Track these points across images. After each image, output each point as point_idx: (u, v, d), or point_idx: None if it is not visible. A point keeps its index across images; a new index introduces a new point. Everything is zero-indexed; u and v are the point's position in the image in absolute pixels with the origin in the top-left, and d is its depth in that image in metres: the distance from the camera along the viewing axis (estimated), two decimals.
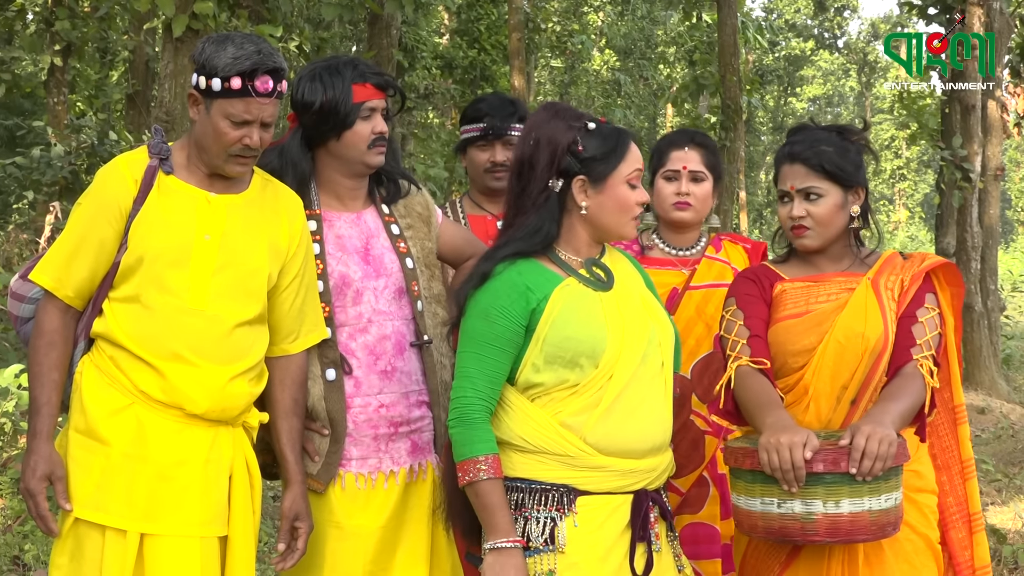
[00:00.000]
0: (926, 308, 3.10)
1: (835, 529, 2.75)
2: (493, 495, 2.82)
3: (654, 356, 2.96)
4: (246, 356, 3.06)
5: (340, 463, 3.31)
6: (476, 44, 22.54)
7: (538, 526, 2.86)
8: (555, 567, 2.83)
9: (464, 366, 2.91)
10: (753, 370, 3.05)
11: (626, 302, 2.98)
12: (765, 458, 2.77)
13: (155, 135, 3.13)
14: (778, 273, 3.23)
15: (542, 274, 2.93)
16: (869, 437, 2.73)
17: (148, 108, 16.54)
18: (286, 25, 12.78)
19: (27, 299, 3.18)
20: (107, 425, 2.98)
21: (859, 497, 2.75)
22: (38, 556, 5.71)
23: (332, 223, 3.40)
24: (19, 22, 14.91)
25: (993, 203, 15.26)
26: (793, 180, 3.12)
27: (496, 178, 4.14)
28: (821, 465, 2.74)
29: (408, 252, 3.47)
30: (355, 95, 3.34)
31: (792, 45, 45.75)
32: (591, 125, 2.95)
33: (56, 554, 3.03)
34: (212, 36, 3.07)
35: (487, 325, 2.89)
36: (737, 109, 17.10)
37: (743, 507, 2.90)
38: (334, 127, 3.34)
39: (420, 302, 3.44)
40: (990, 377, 14.03)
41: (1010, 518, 7.23)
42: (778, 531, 2.82)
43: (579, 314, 2.88)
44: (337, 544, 3.27)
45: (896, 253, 3.22)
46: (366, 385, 3.36)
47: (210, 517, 3.02)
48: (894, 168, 48.72)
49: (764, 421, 2.88)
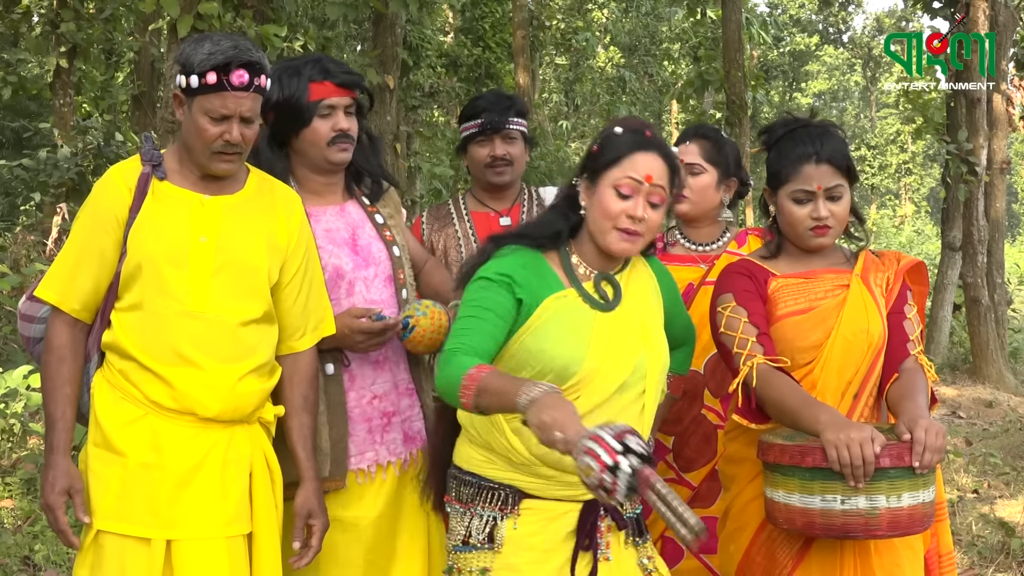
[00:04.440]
0: (910, 305, 3.15)
1: (896, 523, 2.75)
2: (496, 378, 2.53)
3: (635, 385, 2.88)
4: (253, 354, 3.07)
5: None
6: (480, 42, 22.55)
7: (480, 522, 2.88)
8: (491, 565, 2.84)
9: (455, 328, 2.78)
10: (774, 368, 3.02)
11: (621, 327, 2.90)
12: (835, 454, 2.73)
13: (146, 142, 3.13)
14: (768, 269, 3.22)
15: (544, 276, 2.88)
16: (927, 430, 2.74)
17: (154, 109, 16.55)
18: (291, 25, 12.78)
19: (37, 319, 3.19)
20: (122, 436, 2.99)
21: (916, 490, 2.75)
22: (48, 556, 5.72)
23: (318, 217, 3.43)
24: (24, 24, 14.95)
25: (999, 197, 15.26)
26: (821, 180, 3.09)
27: (497, 173, 4.15)
28: (887, 460, 2.72)
29: (394, 240, 3.52)
30: (311, 93, 3.38)
31: (797, 40, 45.74)
32: (619, 129, 2.89)
33: (78, 566, 3.04)
34: (194, 36, 3.09)
35: (484, 289, 2.81)
36: (742, 105, 17.07)
37: (797, 505, 2.84)
38: (292, 125, 3.40)
39: (405, 290, 3.50)
40: (997, 370, 14.04)
41: (1019, 511, 7.21)
42: (839, 528, 2.79)
43: (563, 330, 2.81)
44: (334, 536, 3.28)
45: (869, 251, 3.25)
46: (360, 377, 3.41)
47: (232, 516, 3.03)
48: (900, 163, 48.63)
49: (817, 418, 2.82)
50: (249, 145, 3.09)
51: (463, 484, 2.92)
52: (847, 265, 3.20)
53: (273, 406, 3.19)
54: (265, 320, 3.12)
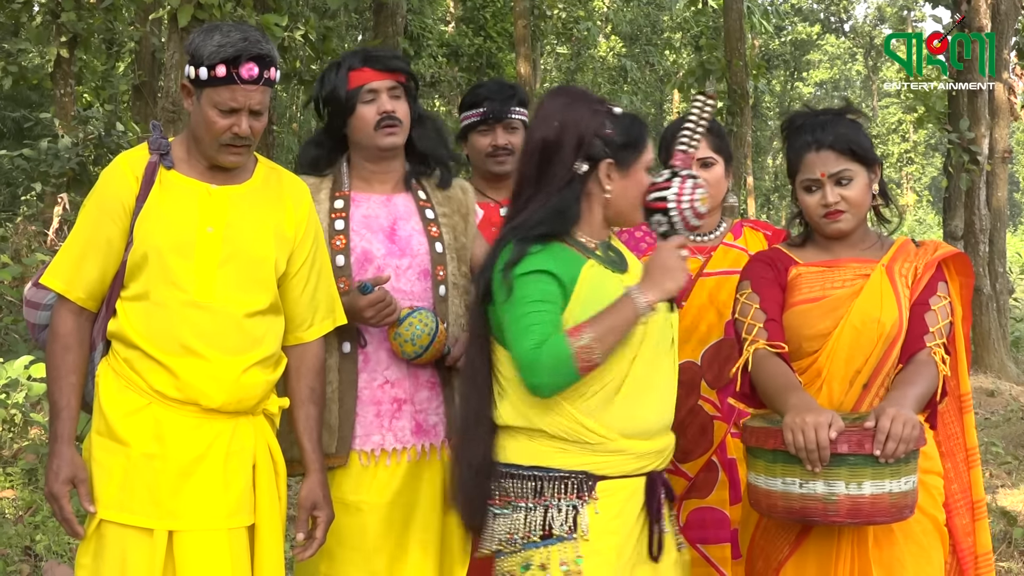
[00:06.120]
0: (938, 296, 3.11)
1: (856, 511, 2.75)
2: (605, 316, 2.81)
3: (668, 335, 3.01)
4: (259, 346, 3.05)
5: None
6: (482, 32, 22.54)
7: (560, 514, 2.87)
8: (581, 554, 2.84)
9: (518, 328, 2.82)
10: (771, 353, 3.05)
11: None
12: (790, 437, 2.76)
13: (154, 131, 3.13)
14: (792, 257, 3.23)
15: (569, 256, 2.93)
16: (894, 419, 2.73)
17: (155, 99, 16.55)
18: (291, 14, 12.77)
19: (42, 306, 3.18)
20: (125, 426, 2.98)
21: (881, 479, 2.75)
22: (49, 547, 5.73)
23: (360, 203, 3.47)
24: (25, 14, 14.93)
25: (1001, 186, 15.25)
26: (823, 167, 3.10)
27: (498, 162, 4.13)
28: (846, 446, 2.74)
29: (439, 237, 3.50)
30: (351, 81, 3.45)
31: (798, 29, 45.68)
32: (616, 110, 3.00)
33: (81, 554, 3.04)
34: (204, 26, 3.09)
35: (531, 285, 2.85)
36: (744, 94, 17.08)
37: (762, 487, 2.90)
38: (340, 115, 3.47)
39: (444, 287, 3.47)
40: (999, 360, 14.04)
41: (1020, 500, 7.23)
42: (799, 511, 2.82)
43: (605, 294, 2.88)
44: (342, 520, 3.28)
45: (908, 240, 3.23)
46: (374, 361, 3.40)
47: (235, 508, 3.02)
48: (901, 152, 48.61)
49: (787, 402, 2.87)
50: (258, 137, 3.07)
51: (525, 480, 2.91)
52: (876, 254, 3.19)
53: (278, 398, 3.18)
54: (271, 311, 3.11)
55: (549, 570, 2.84)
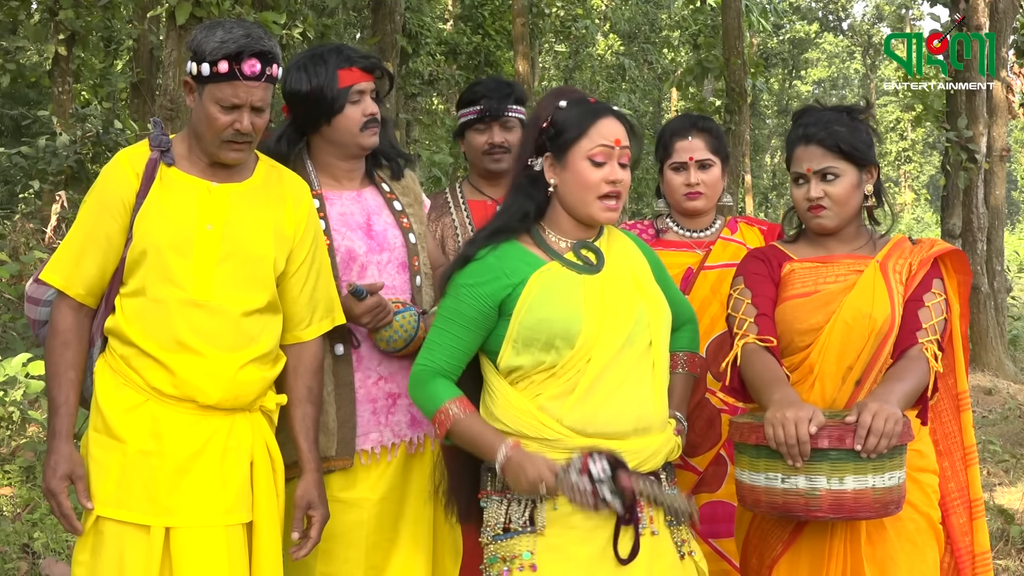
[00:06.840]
0: (933, 293, 3.11)
1: (839, 506, 2.76)
2: (474, 426, 2.90)
3: (640, 337, 2.93)
4: (256, 343, 3.06)
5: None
6: (480, 30, 22.51)
7: (519, 507, 2.89)
8: (534, 548, 2.84)
9: (428, 340, 2.99)
10: (759, 348, 3.06)
11: (613, 284, 2.96)
12: (770, 432, 2.78)
13: (155, 128, 3.13)
14: (787, 253, 3.24)
15: (523, 258, 2.93)
16: (875, 415, 2.74)
17: (153, 96, 16.53)
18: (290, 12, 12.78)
19: (42, 302, 3.18)
20: (122, 423, 2.99)
21: (863, 474, 2.75)
22: (47, 544, 5.73)
23: (333, 201, 3.46)
24: (23, 12, 14.89)
25: (999, 184, 15.25)
26: (809, 162, 3.12)
27: (495, 160, 4.15)
28: (826, 441, 2.75)
29: (411, 228, 3.54)
30: (341, 80, 3.41)
31: (796, 28, 45.67)
32: (562, 103, 2.96)
33: (79, 550, 3.04)
34: (207, 23, 3.09)
35: (455, 302, 2.93)
36: (742, 92, 17.07)
37: (747, 482, 2.92)
38: (324, 113, 3.42)
39: (419, 277, 3.51)
40: (997, 358, 14.05)
41: (1018, 498, 7.23)
42: (781, 506, 2.83)
43: (555, 296, 2.88)
44: (338, 517, 3.28)
45: (905, 238, 3.23)
46: (367, 359, 3.42)
47: (232, 505, 3.02)
48: (899, 150, 48.59)
49: (770, 397, 2.89)
50: (259, 134, 3.08)
51: (495, 473, 2.92)
52: (871, 250, 3.19)
53: (276, 394, 3.18)
54: (269, 310, 3.11)
55: (509, 563, 2.86)
